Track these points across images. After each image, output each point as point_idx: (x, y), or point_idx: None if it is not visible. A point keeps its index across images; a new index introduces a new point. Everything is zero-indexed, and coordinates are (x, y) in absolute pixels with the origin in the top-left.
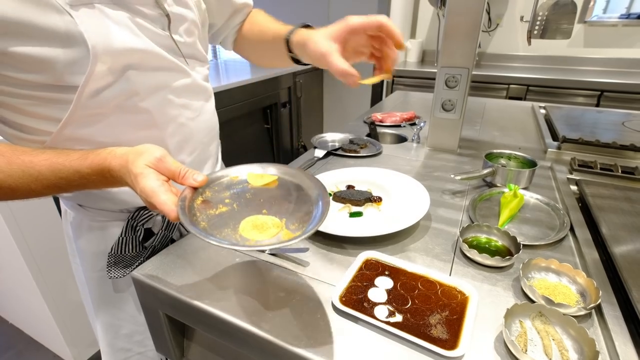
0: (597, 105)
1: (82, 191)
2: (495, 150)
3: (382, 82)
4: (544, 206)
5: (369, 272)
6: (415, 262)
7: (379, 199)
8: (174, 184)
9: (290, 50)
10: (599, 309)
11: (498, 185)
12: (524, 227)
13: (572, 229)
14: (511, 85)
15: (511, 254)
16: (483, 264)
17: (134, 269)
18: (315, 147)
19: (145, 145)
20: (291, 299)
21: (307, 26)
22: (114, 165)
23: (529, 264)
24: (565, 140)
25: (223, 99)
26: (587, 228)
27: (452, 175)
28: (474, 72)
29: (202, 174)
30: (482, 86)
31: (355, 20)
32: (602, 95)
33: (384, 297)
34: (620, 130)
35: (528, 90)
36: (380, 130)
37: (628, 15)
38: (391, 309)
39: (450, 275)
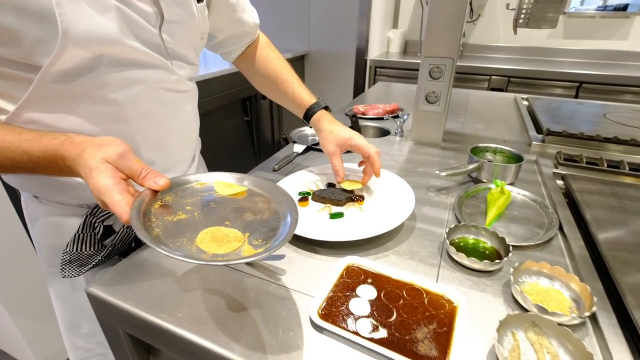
0: (576, 96)
1: (38, 182)
2: (480, 145)
3: (364, 73)
4: (532, 203)
5: (351, 280)
6: (400, 267)
7: (361, 198)
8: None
9: (306, 119)
10: (593, 316)
11: (484, 180)
12: (512, 225)
13: (560, 227)
14: (493, 77)
15: (500, 257)
16: (471, 267)
17: (91, 267)
18: (294, 142)
19: (108, 138)
20: (265, 314)
21: (326, 108)
22: (70, 153)
23: (520, 268)
24: (550, 133)
25: (201, 89)
26: (576, 226)
27: (437, 171)
28: (457, 63)
29: (164, 177)
30: (463, 77)
31: (356, 141)
32: (581, 86)
33: (367, 309)
34: (601, 122)
35: (509, 81)
36: (362, 123)
37: (605, 7)
38: (375, 322)
39: (437, 281)
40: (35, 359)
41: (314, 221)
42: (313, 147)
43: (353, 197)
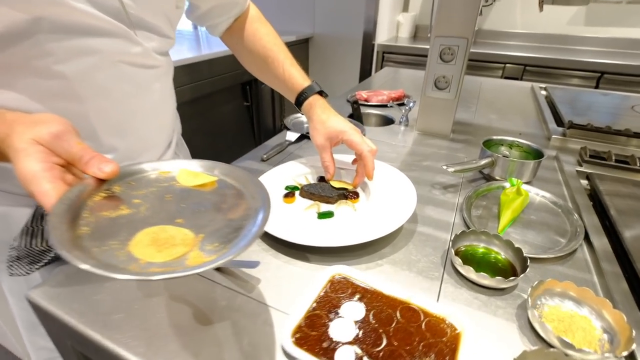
0: (596, 87)
1: None
2: (494, 137)
3: (371, 58)
4: (552, 206)
5: (335, 295)
6: (395, 279)
7: (354, 196)
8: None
9: (297, 105)
10: (631, 356)
11: (497, 178)
12: (529, 232)
13: (586, 236)
14: (507, 65)
15: (515, 271)
16: (480, 284)
17: (43, 266)
18: (287, 129)
19: (44, 115)
20: (228, 337)
21: (320, 92)
22: None
23: (539, 288)
24: (572, 125)
25: (200, 71)
26: (605, 236)
27: (444, 166)
28: (470, 50)
29: (112, 164)
30: (476, 65)
31: (348, 136)
32: (602, 77)
33: (351, 334)
34: (629, 115)
35: (525, 70)
36: (364, 110)
37: None
38: (359, 351)
39: (438, 300)
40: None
41: (299, 221)
42: (308, 136)
43: (346, 193)
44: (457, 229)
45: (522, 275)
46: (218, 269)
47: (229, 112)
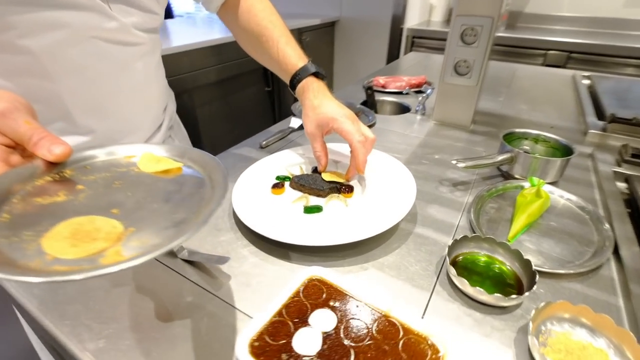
0: None
1: None
2: (517, 130)
3: (399, 42)
4: (578, 211)
5: (308, 300)
6: (378, 284)
7: (348, 190)
8: None
9: (292, 88)
10: None
11: (517, 177)
12: (546, 241)
13: (616, 250)
14: (549, 51)
15: (521, 287)
16: (476, 299)
17: None
18: (293, 115)
19: None
20: (184, 339)
21: (316, 74)
22: None
23: (545, 310)
24: (614, 119)
25: (220, 54)
26: (639, 251)
27: (454, 162)
28: (506, 35)
29: (63, 145)
30: (514, 51)
31: (339, 124)
32: None
33: (315, 347)
34: None
35: (569, 57)
36: (381, 97)
37: None
38: None
39: (424, 314)
40: None
41: (283, 215)
42: None
43: (339, 187)
44: (461, 233)
45: (527, 293)
46: (187, 261)
47: (249, 96)
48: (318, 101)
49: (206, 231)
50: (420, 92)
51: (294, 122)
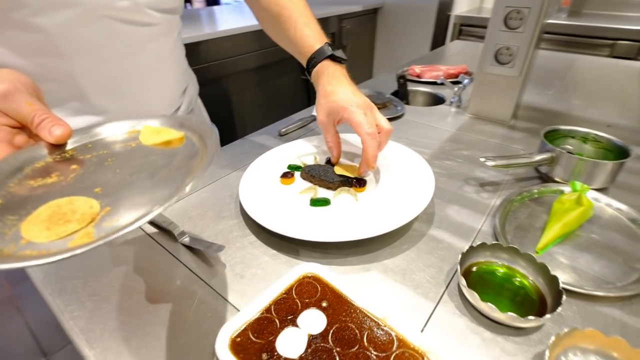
0: None
1: None
2: (562, 127)
3: (445, 31)
4: (628, 224)
5: (299, 298)
6: (379, 290)
7: (361, 184)
8: None
9: (308, 72)
10: None
11: (557, 180)
12: (583, 256)
13: None
14: (618, 41)
15: (544, 307)
16: (488, 317)
17: None
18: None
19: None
20: (168, 326)
21: (332, 56)
22: None
23: (569, 337)
24: None
25: (256, 40)
26: None
27: (483, 159)
28: (568, 22)
29: (62, 126)
30: (576, 41)
31: (348, 114)
32: None
33: (299, 349)
34: None
35: None
36: (414, 87)
37: None
38: None
39: (424, 327)
40: None
41: (288, 206)
42: None
43: (351, 180)
44: (481, 239)
45: (548, 315)
46: (186, 246)
47: (286, 84)
48: (331, 87)
49: (210, 217)
50: (457, 82)
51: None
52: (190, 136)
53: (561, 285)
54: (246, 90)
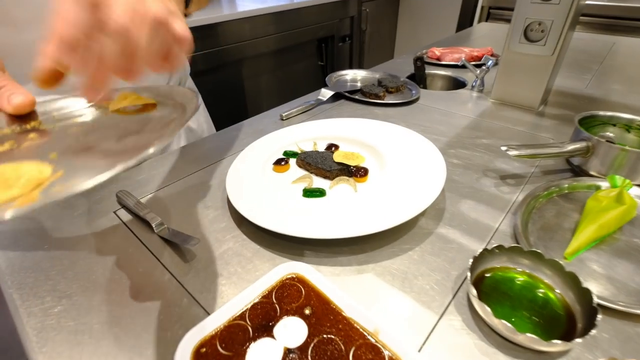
0: None
1: None
2: (601, 113)
3: (472, 14)
4: None
5: (278, 303)
6: (373, 297)
7: (362, 173)
8: None
9: None
10: None
11: (592, 174)
12: (622, 264)
13: None
14: None
15: (573, 327)
16: (501, 334)
17: None
18: (325, 87)
19: None
20: (129, 326)
21: None
22: None
23: None
24: None
25: (272, 24)
26: None
27: (504, 148)
28: (610, 3)
29: (22, 95)
30: (619, 24)
31: None
32: None
33: None
34: None
35: None
36: (433, 70)
37: None
38: None
39: (422, 346)
40: None
41: (278, 196)
42: (346, 95)
43: (351, 168)
44: (498, 240)
45: (579, 340)
46: (162, 238)
47: (302, 69)
48: None
49: (194, 206)
50: (481, 65)
51: (324, 94)
52: (168, 103)
53: (595, 300)
54: (262, 74)
